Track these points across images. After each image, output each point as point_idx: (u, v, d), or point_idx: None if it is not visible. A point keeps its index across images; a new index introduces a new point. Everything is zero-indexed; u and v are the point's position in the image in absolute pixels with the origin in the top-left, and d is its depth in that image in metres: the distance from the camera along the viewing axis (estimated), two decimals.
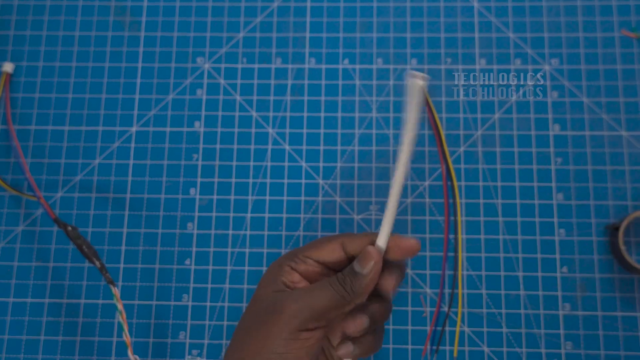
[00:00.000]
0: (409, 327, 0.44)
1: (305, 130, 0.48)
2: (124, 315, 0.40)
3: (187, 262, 0.46)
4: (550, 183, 0.46)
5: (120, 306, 0.40)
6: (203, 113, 0.49)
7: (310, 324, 0.32)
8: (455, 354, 0.44)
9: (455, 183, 0.46)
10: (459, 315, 0.44)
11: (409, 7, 0.50)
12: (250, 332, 0.33)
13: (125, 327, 0.39)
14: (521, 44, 0.49)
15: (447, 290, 0.45)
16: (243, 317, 0.35)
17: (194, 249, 0.46)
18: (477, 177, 0.47)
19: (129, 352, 0.40)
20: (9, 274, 0.46)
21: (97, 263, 0.41)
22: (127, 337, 0.39)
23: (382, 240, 0.34)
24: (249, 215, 0.47)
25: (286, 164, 0.48)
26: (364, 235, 0.35)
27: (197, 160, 0.48)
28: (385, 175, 0.47)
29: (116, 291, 0.40)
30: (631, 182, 0.46)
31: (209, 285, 0.46)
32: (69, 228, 0.41)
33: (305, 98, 0.49)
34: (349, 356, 0.35)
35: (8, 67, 0.49)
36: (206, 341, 0.45)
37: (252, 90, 0.49)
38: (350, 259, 0.35)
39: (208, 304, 0.45)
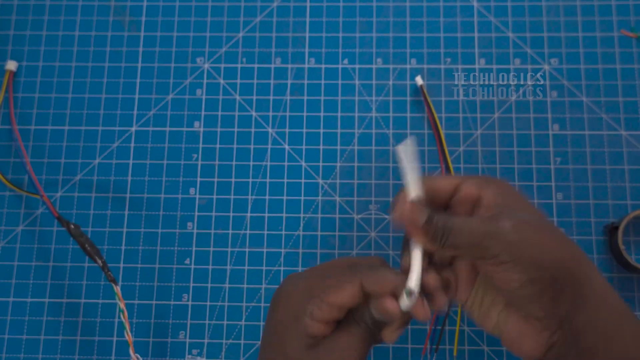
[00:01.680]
0: (409, 327, 0.44)
1: (304, 130, 0.48)
2: (126, 314, 0.40)
3: (187, 261, 0.46)
4: (550, 182, 0.46)
5: (122, 305, 0.40)
6: (203, 113, 0.49)
7: None
8: (455, 353, 0.44)
9: None
10: (459, 315, 0.44)
11: (409, 6, 0.50)
12: None
13: (127, 326, 0.40)
14: (520, 44, 0.49)
15: None
16: None
17: (194, 249, 0.46)
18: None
19: (131, 351, 0.40)
20: (9, 274, 0.46)
21: (99, 261, 0.41)
22: (128, 336, 0.40)
23: (411, 290, 0.31)
24: (248, 214, 0.47)
25: (286, 163, 0.48)
26: (386, 277, 0.31)
27: (196, 160, 0.48)
28: (385, 174, 0.47)
29: (118, 290, 0.40)
30: (630, 181, 0.46)
31: (209, 285, 0.46)
32: (72, 226, 0.41)
33: (305, 98, 0.49)
34: None
35: (11, 65, 0.49)
36: (206, 340, 0.45)
37: (251, 90, 0.49)
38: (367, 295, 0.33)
39: (208, 303, 0.45)
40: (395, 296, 0.31)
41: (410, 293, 0.30)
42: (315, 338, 0.31)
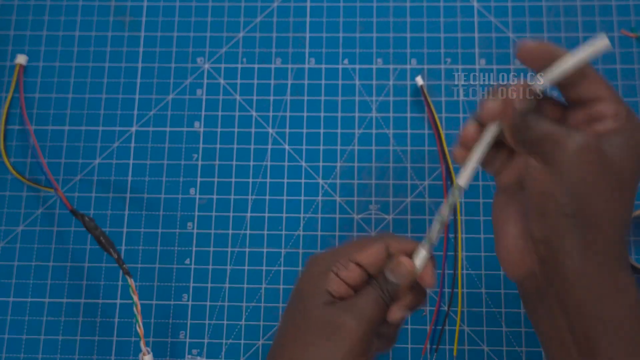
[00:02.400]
0: (409, 326, 0.44)
1: (305, 130, 0.48)
2: (139, 307, 0.40)
3: (187, 261, 0.46)
4: None
5: (135, 298, 0.39)
6: (203, 113, 0.49)
7: (371, 339, 0.32)
8: (455, 353, 0.44)
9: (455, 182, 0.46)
10: (459, 314, 0.44)
11: (409, 7, 0.50)
12: (306, 351, 0.31)
13: (140, 319, 0.39)
14: None
15: (446, 290, 0.45)
16: (287, 330, 0.33)
17: (194, 249, 0.46)
18: (476, 176, 0.47)
19: (142, 344, 0.40)
20: (9, 274, 0.46)
21: (114, 254, 0.41)
22: (140, 329, 0.39)
23: (426, 249, 0.33)
24: (248, 214, 0.47)
25: (286, 163, 0.48)
26: (410, 242, 0.34)
27: (196, 160, 0.48)
28: (385, 174, 0.47)
29: (132, 282, 0.40)
30: None
31: (209, 285, 0.46)
32: (86, 219, 0.41)
33: (305, 98, 0.49)
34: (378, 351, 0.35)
35: (22, 59, 0.49)
36: (206, 340, 0.45)
37: (252, 90, 0.49)
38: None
39: (208, 303, 0.45)
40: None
41: (459, 189, 0.32)
42: (334, 298, 0.32)
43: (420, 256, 0.33)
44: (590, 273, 0.28)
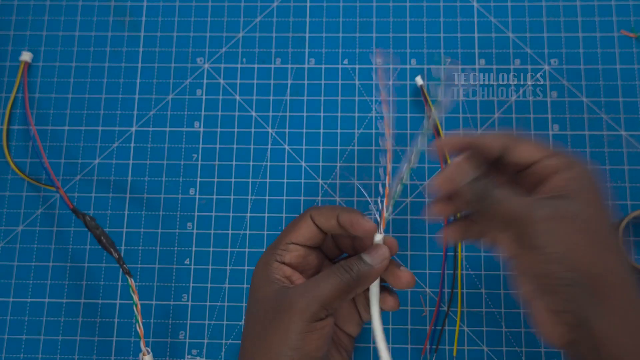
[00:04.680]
0: (409, 327, 0.44)
1: (304, 130, 0.48)
2: (139, 307, 0.40)
3: (187, 261, 0.46)
4: None
5: (135, 298, 0.39)
6: (203, 113, 0.49)
7: (321, 314, 0.32)
8: (454, 353, 0.44)
9: None
10: (459, 315, 0.44)
11: (409, 6, 0.50)
12: (261, 334, 0.33)
13: (140, 319, 0.39)
14: (520, 44, 0.49)
15: (446, 290, 0.45)
16: (248, 323, 0.35)
17: (194, 249, 0.46)
18: None
19: (142, 344, 0.40)
20: (9, 274, 0.46)
21: (115, 254, 0.41)
22: (140, 329, 0.39)
23: (379, 238, 0.36)
24: (248, 214, 0.47)
25: (286, 163, 0.48)
26: (330, 209, 0.36)
27: (196, 160, 0.48)
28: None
29: (132, 282, 0.40)
30: (630, 181, 0.46)
31: (209, 285, 0.46)
32: (88, 218, 0.41)
33: (305, 98, 0.49)
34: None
35: (26, 56, 0.49)
36: (206, 341, 0.45)
37: (251, 90, 0.49)
38: (321, 231, 0.37)
39: (207, 303, 0.45)
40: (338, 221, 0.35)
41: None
42: (285, 283, 0.34)
43: (377, 238, 0.36)
44: (622, 332, 0.27)
